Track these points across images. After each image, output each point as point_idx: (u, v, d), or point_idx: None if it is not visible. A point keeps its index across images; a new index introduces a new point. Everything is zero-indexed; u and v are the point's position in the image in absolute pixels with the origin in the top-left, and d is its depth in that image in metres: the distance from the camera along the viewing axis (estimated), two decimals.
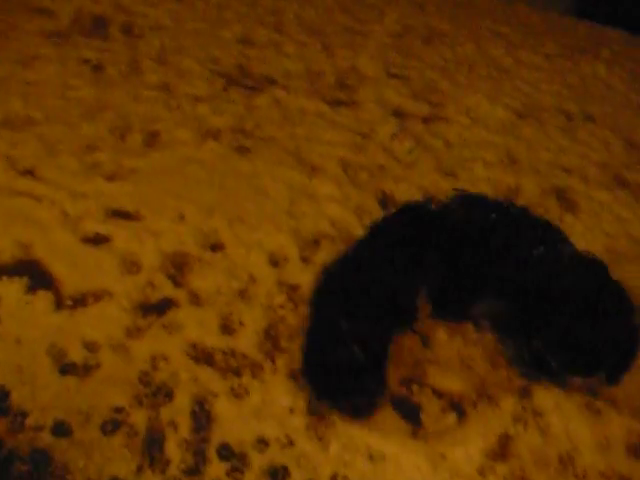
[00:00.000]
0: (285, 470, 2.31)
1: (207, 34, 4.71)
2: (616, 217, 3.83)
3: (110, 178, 3.35)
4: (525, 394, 2.75)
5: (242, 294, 2.90)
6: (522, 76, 4.98)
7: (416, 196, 3.58)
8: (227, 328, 2.75)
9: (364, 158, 3.81)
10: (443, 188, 3.69)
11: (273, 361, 2.65)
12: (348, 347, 2.40)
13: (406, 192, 3.61)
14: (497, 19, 5.86)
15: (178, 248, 3.04)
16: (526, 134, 4.31)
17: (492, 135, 4.23)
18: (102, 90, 4.00)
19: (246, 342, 2.70)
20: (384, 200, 3.56)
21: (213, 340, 2.68)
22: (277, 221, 3.27)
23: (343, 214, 3.40)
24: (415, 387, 2.70)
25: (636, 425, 2.73)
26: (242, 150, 3.70)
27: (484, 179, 3.83)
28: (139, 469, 2.24)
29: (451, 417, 2.60)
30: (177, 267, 2.96)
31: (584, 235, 3.61)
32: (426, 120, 4.27)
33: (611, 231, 3.70)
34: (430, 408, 2.63)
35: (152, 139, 3.67)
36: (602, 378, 2.71)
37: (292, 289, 2.98)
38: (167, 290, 2.85)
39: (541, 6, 6.50)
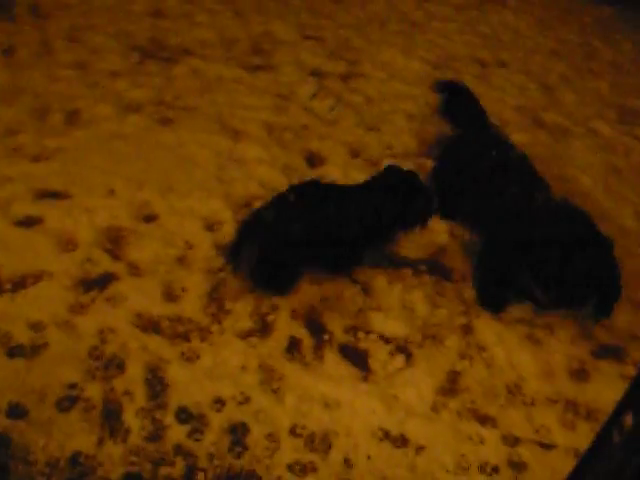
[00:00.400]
0: (244, 426, 2.35)
1: (117, 9, 4.66)
2: (536, 157, 3.92)
3: (35, 159, 3.32)
4: (467, 331, 2.85)
5: (181, 261, 2.92)
6: (434, 29, 5.05)
7: (341, 151, 3.64)
8: (170, 295, 2.77)
9: (287, 119, 3.83)
10: (367, 142, 3.75)
11: (220, 323, 2.68)
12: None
13: (331, 148, 3.66)
14: None
15: (112, 222, 3.04)
16: None
17: (410, 87, 4.29)
18: (16, 73, 3.93)
19: (191, 307, 2.73)
20: (310, 157, 3.60)
21: (158, 308, 2.70)
22: (208, 187, 3.29)
23: (271, 175, 3.43)
24: (361, 334, 2.76)
25: (575, 351, 2.85)
26: (165, 121, 3.69)
27: (406, 130, 3.89)
28: (100, 441, 2.26)
29: (399, 359, 2.67)
30: (113, 241, 2.96)
31: None
32: (344, 78, 4.30)
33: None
34: (378, 353, 2.70)
35: (73, 117, 3.64)
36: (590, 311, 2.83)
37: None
38: (106, 264, 2.85)
39: None
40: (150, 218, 3.10)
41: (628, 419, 0.97)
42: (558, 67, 4.83)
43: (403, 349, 2.74)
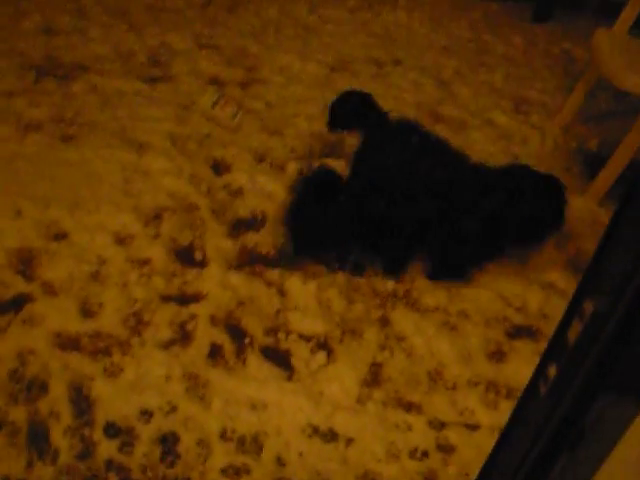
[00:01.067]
0: (174, 435, 2.37)
1: (7, 28, 4.57)
2: None
3: None
4: (385, 323, 2.93)
5: (95, 277, 2.91)
6: (328, 32, 5.10)
7: (246, 157, 3.68)
8: (87, 312, 2.76)
9: (190, 129, 3.84)
10: (271, 146, 3.79)
11: (140, 335, 2.69)
12: None
13: (236, 155, 3.69)
14: None
15: (22, 244, 3.00)
16: (341, 85, 4.42)
17: (309, 90, 4.34)
18: None
19: (109, 322, 2.72)
20: (216, 165, 3.62)
21: (76, 326, 2.69)
22: (115, 201, 3.28)
23: (179, 185, 3.44)
24: (281, 335, 2.81)
25: (490, 333, 2.96)
26: (67, 138, 3.66)
27: (308, 133, 3.94)
28: (29, 464, 2.24)
29: (321, 356, 2.73)
30: (25, 262, 2.93)
31: None
32: (243, 85, 4.33)
33: None
34: (299, 352, 2.75)
35: None
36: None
37: (143, 264, 3.02)
38: (19, 286, 2.82)
39: None
40: (60, 236, 3.07)
41: (552, 370, 1.03)
42: (451, 63, 4.95)
43: (324, 346, 2.79)
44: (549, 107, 4.62)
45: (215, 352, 2.69)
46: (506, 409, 2.67)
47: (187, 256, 3.11)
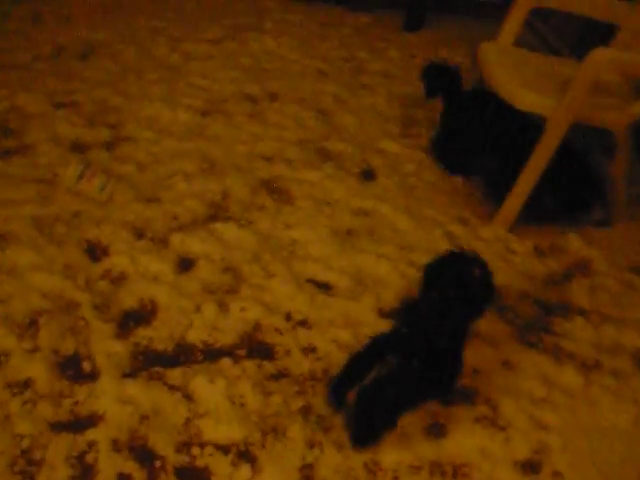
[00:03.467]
0: None
1: None
2: (331, 191, 3.75)
3: None
4: (308, 412, 2.62)
5: None
6: (193, 70, 4.73)
7: (123, 235, 3.28)
8: None
9: (55, 209, 3.40)
10: (150, 217, 3.41)
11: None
12: None
13: (112, 234, 3.28)
14: (151, 15, 5.54)
15: None
16: (216, 131, 4.10)
17: (182, 143, 3.97)
18: None
19: None
20: (91, 249, 3.21)
21: None
22: None
23: (52, 281, 3.01)
24: (195, 450, 2.45)
25: (425, 405, 2.69)
26: None
27: (189, 194, 3.58)
28: None
29: (244, 469, 2.39)
30: None
31: (306, 222, 3.50)
32: (109, 146, 3.92)
33: (330, 212, 3.62)
34: (219, 468, 2.40)
35: None
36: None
37: (23, 387, 2.59)
38: None
39: None
40: None
41: None
42: (330, 88, 4.67)
43: (245, 455, 2.44)
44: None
45: None
46: None
47: (73, 368, 2.69)
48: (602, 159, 3.98)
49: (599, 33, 4.05)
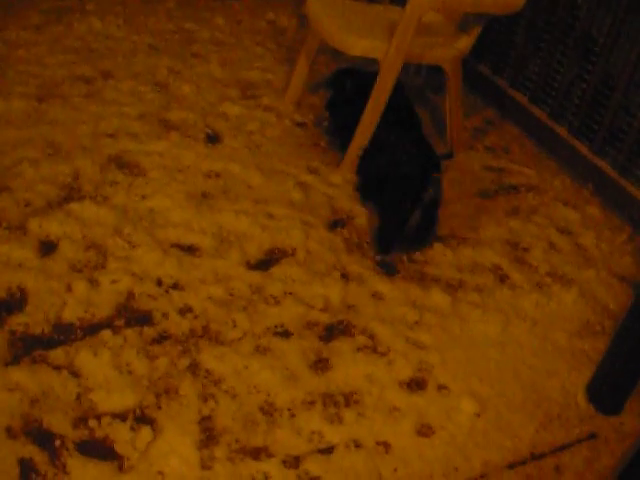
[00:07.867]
0: None
1: None
2: (180, 158, 3.80)
3: None
4: (195, 369, 2.72)
5: None
6: (21, 58, 4.57)
7: None
8: None
9: None
10: (2, 207, 3.36)
11: None
12: None
13: None
14: None
15: None
16: (55, 115, 4.05)
17: (22, 130, 3.89)
18: None
19: None
20: None
21: None
22: None
23: None
24: (92, 422, 2.48)
25: (304, 344, 2.83)
26: None
27: (39, 179, 3.54)
28: None
29: (145, 432, 2.45)
30: None
31: (161, 191, 3.54)
32: None
33: (183, 178, 3.68)
34: (120, 435, 2.45)
35: None
36: None
37: None
38: None
39: None
40: None
41: None
42: (163, 61, 4.68)
43: (143, 419, 2.51)
44: (275, 85, 4.52)
45: (28, 469, 2.30)
46: (351, 418, 2.58)
47: None
48: (435, 97, 4.20)
49: None
